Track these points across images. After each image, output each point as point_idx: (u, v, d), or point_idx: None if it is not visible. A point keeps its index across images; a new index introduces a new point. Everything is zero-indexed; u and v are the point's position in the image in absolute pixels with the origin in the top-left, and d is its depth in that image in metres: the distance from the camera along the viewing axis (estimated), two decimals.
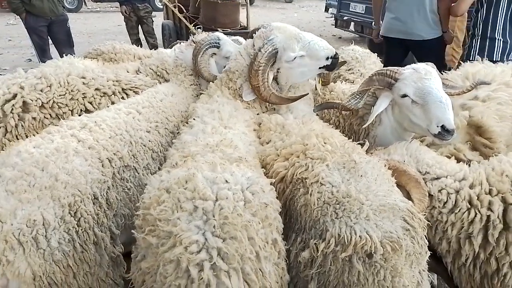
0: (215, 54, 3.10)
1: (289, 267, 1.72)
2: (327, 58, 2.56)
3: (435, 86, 2.19)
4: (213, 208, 1.42)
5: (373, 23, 5.71)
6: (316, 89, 2.98)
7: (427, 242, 1.64)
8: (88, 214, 1.81)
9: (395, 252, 1.48)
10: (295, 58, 2.52)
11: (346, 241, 1.49)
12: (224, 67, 2.75)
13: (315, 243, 1.56)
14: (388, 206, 1.59)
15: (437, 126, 2.12)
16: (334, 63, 2.60)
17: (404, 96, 2.26)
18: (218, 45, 3.08)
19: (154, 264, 1.39)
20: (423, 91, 2.19)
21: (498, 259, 1.80)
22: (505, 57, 4.06)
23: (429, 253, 1.65)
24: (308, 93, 2.71)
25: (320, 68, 2.62)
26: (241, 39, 3.50)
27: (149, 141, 2.43)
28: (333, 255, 1.51)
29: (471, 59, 4.18)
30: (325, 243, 1.52)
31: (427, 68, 2.28)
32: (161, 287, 1.34)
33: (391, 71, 2.36)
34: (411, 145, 2.14)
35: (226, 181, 1.56)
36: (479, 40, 4.15)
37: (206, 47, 2.99)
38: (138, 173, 2.29)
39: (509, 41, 4.04)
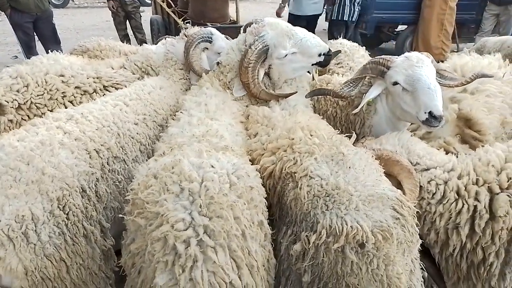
0: (207, 48, 3.08)
1: (280, 259, 1.72)
2: (320, 55, 2.58)
3: (425, 73, 2.19)
4: (199, 189, 1.47)
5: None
6: (313, 79, 2.98)
7: (418, 231, 1.64)
8: (76, 208, 1.81)
9: (386, 240, 1.48)
10: (286, 55, 2.53)
11: (337, 232, 1.49)
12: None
13: (306, 236, 1.56)
14: (376, 195, 1.60)
15: (425, 113, 2.13)
16: (327, 59, 2.62)
17: (396, 83, 2.27)
18: (210, 39, 3.07)
19: (143, 244, 1.42)
20: (413, 78, 2.19)
21: (484, 249, 1.81)
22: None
23: (420, 241, 1.66)
24: (296, 92, 2.70)
25: (313, 64, 2.63)
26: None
27: (137, 133, 2.41)
28: (325, 246, 1.51)
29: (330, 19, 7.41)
30: (316, 235, 1.52)
31: (420, 56, 2.28)
32: (150, 265, 1.36)
33: (383, 59, 2.37)
34: (402, 136, 2.15)
35: (212, 166, 1.59)
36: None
37: (199, 40, 2.97)
38: (128, 165, 2.27)
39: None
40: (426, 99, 2.12)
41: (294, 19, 7.18)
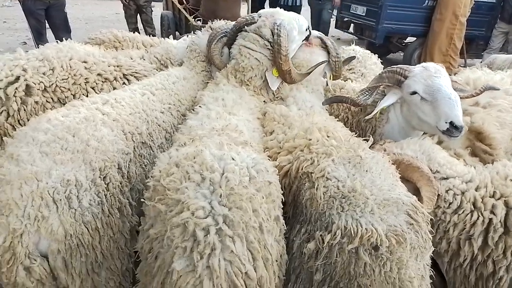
0: None
1: (292, 257, 1.73)
2: (306, 29, 2.84)
3: (444, 83, 2.22)
4: (220, 180, 1.48)
5: None
6: (327, 85, 3.02)
7: (431, 237, 1.66)
8: (115, 180, 1.88)
9: (400, 245, 1.50)
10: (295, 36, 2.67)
11: (352, 233, 1.50)
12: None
13: (321, 235, 1.58)
14: (392, 200, 1.62)
15: (446, 123, 2.16)
16: (308, 35, 2.92)
17: (414, 93, 2.29)
18: None
19: (162, 230, 1.43)
20: (433, 88, 2.22)
21: (495, 262, 1.82)
22: None
23: (432, 248, 1.67)
24: (327, 61, 2.90)
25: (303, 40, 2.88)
26: None
27: (163, 121, 2.48)
28: (339, 246, 1.53)
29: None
30: (331, 235, 1.54)
31: (437, 67, 2.32)
32: (168, 251, 1.37)
33: (401, 68, 2.39)
34: (424, 142, 2.16)
35: (233, 159, 1.60)
36: None
37: (221, 35, 2.97)
38: (153, 151, 2.32)
39: None
40: (447, 109, 2.14)
41: None
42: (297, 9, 8.95)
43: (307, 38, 2.90)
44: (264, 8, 8.81)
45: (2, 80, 2.36)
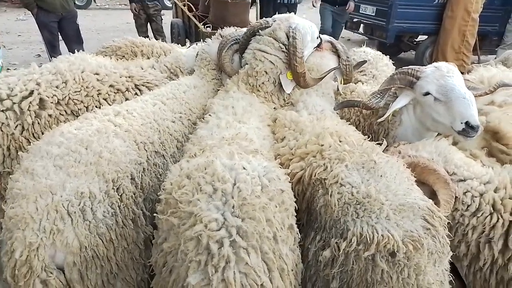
0: None
1: (307, 265, 1.71)
2: (318, 37, 2.89)
3: (458, 83, 2.18)
4: (232, 190, 1.47)
5: None
6: (338, 89, 3.01)
7: (448, 242, 1.62)
8: (129, 191, 1.89)
9: (417, 251, 1.47)
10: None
11: (368, 240, 1.48)
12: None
13: (336, 242, 1.56)
14: (407, 205, 1.59)
15: (461, 123, 2.13)
16: (319, 42, 2.96)
17: (427, 94, 2.26)
18: None
19: (176, 243, 1.43)
20: (446, 88, 2.19)
21: None
22: None
23: (451, 253, 1.63)
24: (339, 67, 2.94)
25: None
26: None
27: (175, 130, 2.49)
28: (355, 254, 1.51)
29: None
30: (346, 242, 1.52)
31: (449, 66, 2.28)
32: (182, 265, 1.36)
33: (412, 69, 2.36)
34: (440, 144, 2.12)
35: (244, 168, 1.59)
36: None
37: (232, 42, 2.98)
38: (166, 160, 2.34)
39: None
40: (462, 109, 2.10)
41: None
42: (293, 6, 9.23)
43: (318, 46, 2.92)
44: (270, 10, 9.04)
45: (16, 95, 2.40)
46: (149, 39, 8.43)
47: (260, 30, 2.73)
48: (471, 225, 1.87)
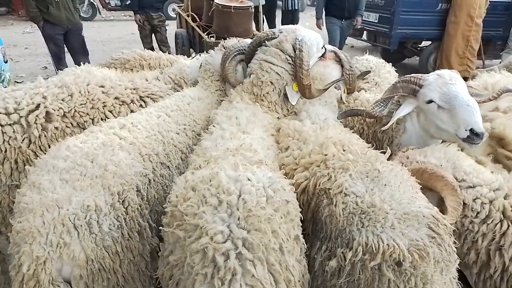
0: (243, 60, 3.09)
1: (314, 275, 1.71)
2: (322, 47, 2.91)
3: (461, 90, 2.19)
4: (237, 202, 1.47)
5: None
6: (341, 98, 3.02)
7: (455, 250, 1.61)
8: (134, 204, 1.90)
9: (423, 259, 1.47)
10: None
11: (374, 250, 1.48)
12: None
13: (342, 252, 1.56)
14: (412, 214, 1.58)
15: (466, 130, 2.13)
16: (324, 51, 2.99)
17: (430, 101, 2.26)
18: None
19: (182, 256, 1.43)
20: (449, 95, 2.19)
21: None
22: None
23: (458, 260, 1.62)
24: (343, 79, 2.95)
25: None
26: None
27: (179, 142, 2.51)
28: (361, 263, 1.51)
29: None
30: (352, 252, 1.52)
31: (452, 74, 2.28)
32: (188, 278, 1.36)
33: (415, 77, 2.36)
34: (449, 150, 2.11)
35: (248, 179, 1.60)
36: None
37: (235, 53, 2.99)
38: (171, 172, 2.36)
39: None
40: (466, 116, 2.11)
41: None
42: (296, 13, 9.60)
43: (322, 55, 2.93)
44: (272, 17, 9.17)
45: (23, 109, 2.42)
46: (154, 49, 8.60)
47: (266, 41, 2.74)
48: (481, 232, 1.85)
